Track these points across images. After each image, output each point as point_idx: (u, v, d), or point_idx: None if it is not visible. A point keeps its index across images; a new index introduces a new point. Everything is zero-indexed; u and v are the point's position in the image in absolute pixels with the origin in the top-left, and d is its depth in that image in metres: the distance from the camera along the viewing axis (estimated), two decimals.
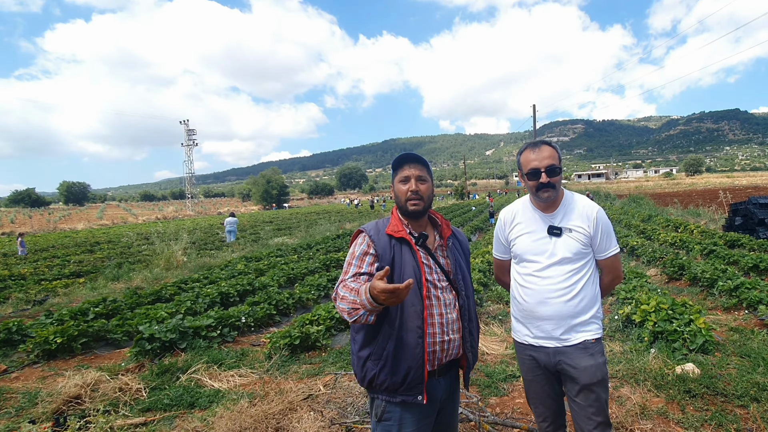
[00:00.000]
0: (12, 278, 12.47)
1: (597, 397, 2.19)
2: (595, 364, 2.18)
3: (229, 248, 17.48)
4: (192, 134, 74.54)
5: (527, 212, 2.33)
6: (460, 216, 28.43)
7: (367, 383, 1.92)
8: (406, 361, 1.84)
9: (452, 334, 1.96)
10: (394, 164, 2.03)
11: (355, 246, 1.96)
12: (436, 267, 1.98)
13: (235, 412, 3.60)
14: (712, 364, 4.25)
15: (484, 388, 4.15)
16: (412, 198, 1.96)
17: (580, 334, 2.21)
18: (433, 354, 1.90)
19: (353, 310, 1.70)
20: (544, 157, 2.18)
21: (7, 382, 4.77)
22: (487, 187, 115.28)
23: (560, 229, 2.22)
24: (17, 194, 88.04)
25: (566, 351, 2.21)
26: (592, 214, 2.22)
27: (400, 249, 1.92)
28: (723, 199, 21.46)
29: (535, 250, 2.25)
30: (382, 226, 1.99)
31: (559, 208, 2.26)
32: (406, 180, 1.97)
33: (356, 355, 1.95)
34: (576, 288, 2.20)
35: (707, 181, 68.91)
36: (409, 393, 1.86)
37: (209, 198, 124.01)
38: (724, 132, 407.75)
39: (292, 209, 64.72)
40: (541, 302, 2.24)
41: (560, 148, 2.32)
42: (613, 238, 2.27)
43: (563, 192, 2.29)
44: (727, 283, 6.81)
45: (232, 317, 6.43)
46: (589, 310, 2.22)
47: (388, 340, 1.85)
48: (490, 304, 7.28)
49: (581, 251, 2.20)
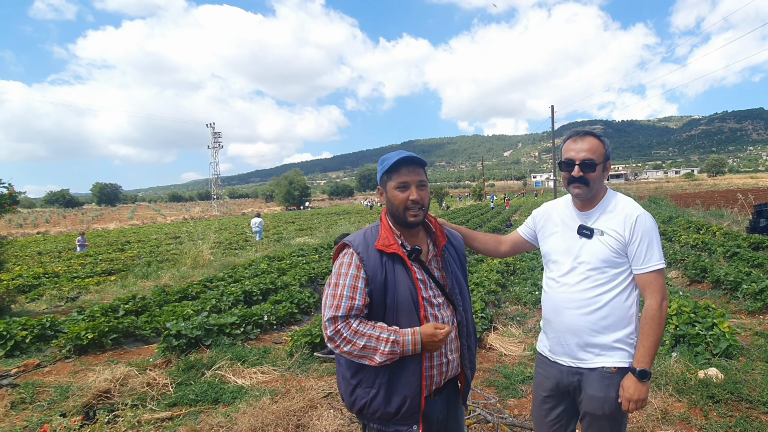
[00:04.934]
0: (46, 276, 12.96)
1: (600, 430, 1.98)
2: (604, 397, 1.90)
3: (253, 248, 17.77)
4: (218, 137, 75.87)
5: (565, 209, 2.10)
6: (478, 217, 28.21)
7: (356, 410, 1.74)
8: (402, 390, 1.67)
9: (450, 355, 1.80)
10: (389, 166, 1.75)
11: (342, 266, 1.71)
12: (430, 282, 1.80)
13: (257, 408, 3.69)
14: (737, 369, 4.15)
15: (502, 390, 4.15)
16: (413, 208, 1.73)
17: (599, 358, 1.92)
18: (430, 378, 1.74)
19: (389, 360, 1.60)
20: (582, 149, 1.93)
21: (40, 376, 4.94)
22: (505, 188, 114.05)
23: (591, 231, 1.95)
24: (52, 195, 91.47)
25: (582, 373, 1.96)
26: (632, 217, 1.90)
27: (392, 267, 1.71)
28: (745, 200, 20.71)
29: (561, 249, 2.03)
30: (371, 239, 1.76)
31: (596, 207, 1.99)
32: (404, 186, 1.73)
33: (344, 379, 1.75)
34: (599, 301, 1.91)
35: (730, 182, 66.79)
36: (404, 423, 1.69)
37: (234, 199, 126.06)
38: (747, 132, 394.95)
39: (313, 210, 65.26)
40: (555, 310, 2.04)
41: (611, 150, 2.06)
42: (657, 251, 1.88)
43: (606, 190, 2.03)
44: (752, 286, 6.62)
45: (255, 315, 6.56)
46: (614, 332, 1.90)
47: (382, 367, 1.66)
48: (509, 305, 7.24)
49: (612, 259, 1.90)
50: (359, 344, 1.59)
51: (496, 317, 6.45)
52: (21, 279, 12.12)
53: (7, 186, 8.60)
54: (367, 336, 1.59)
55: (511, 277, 9.56)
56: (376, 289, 1.69)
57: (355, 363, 1.69)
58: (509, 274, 9.79)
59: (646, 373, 1.83)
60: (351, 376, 1.73)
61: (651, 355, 1.84)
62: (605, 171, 1.99)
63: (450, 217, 28.06)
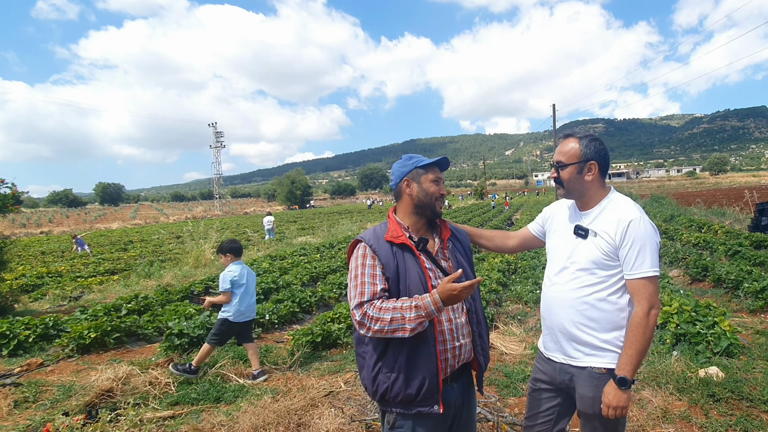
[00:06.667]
0: (49, 275, 13.01)
1: (593, 429, 2.00)
2: (594, 396, 1.92)
3: (255, 247, 17.81)
4: (220, 136, 75.94)
5: (569, 208, 2.13)
6: (479, 216, 28.20)
7: (379, 397, 1.85)
8: (420, 372, 1.78)
9: (462, 339, 1.92)
10: (429, 163, 1.99)
11: (358, 259, 1.88)
12: (438, 271, 1.92)
13: (258, 407, 3.71)
14: (737, 367, 4.16)
15: (502, 389, 4.16)
16: (441, 200, 2.00)
17: (589, 358, 1.95)
18: (445, 362, 1.85)
19: (419, 325, 1.71)
20: (558, 151, 2.04)
21: (43, 375, 4.97)
22: (507, 187, 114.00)
23: (586, 231, 1.96)
24: (55, 195, 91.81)
25: (572, 371, 1.99)
26: (625, 221, 1.88)
27: (402, 256, 1.87)
28: (749, 199, 20.61)
29: (558, 248, 2.08)
30: (380, 233, 1.93)
31: (594, 208, 2.00)
32: (438, 181, 1.99)
33: (366, 368, 1.88)
34: (587, 302, 1.93)
35: (732, 180, 66.60)
36: (424, 404, 1.80)
37: (236, 198, 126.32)
38: (749, 130, 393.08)
39: (315, 209, 65.30)
40: (548, 308, 2.08)
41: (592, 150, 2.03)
42: (649, 258, 1.84)
43: (608, 191, 2.04)
44: (753, 284, 6.60)
45: (257, 314, 6.57)
46: (602, 333, 1.92)
47: (399, 351, 1.80)
48: (510, 304, 7.24)
49: (602, 261, 1.90)
50: (386, 319, 1.71)
51: (497, 316, 6.46)
52: (24, 278, 12.16)
53: (10, 186, 8.64)
54: (391, 309, 1.72)
55: (512, 275, 9.55)
56: (390, 278, 1.84)
57: (376, 352, 1.83)
58: (510, 272, 9.78)
59: (626, 381, 1.81)
60: (374, 364, 1.84)
61: (633, 363, 1.82)
62: (583, 172, 1.99)
63: (452, 216, 28.05)
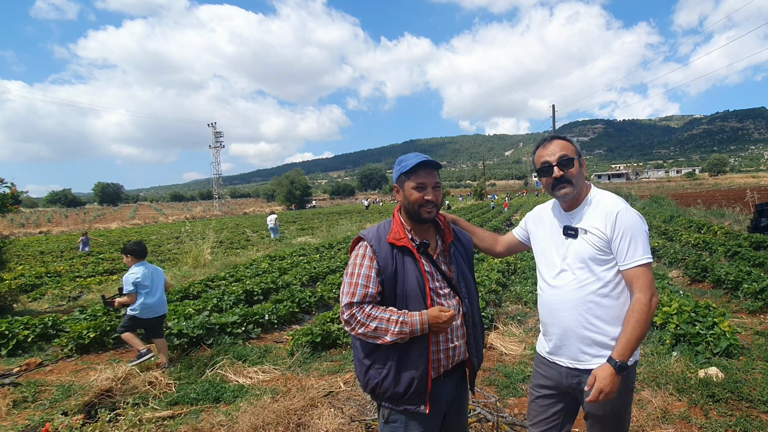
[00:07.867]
0: (48, 275, 12.99)
1: (602, 431, 1.98)
2: None
3: (254, 247, 17.80)
4: (219, 136, 75.82)
5: (553, 211, 2.12)
6: (479, 216, 28.22)
7: (369, 390, 1.89)
8: (410, 371, 1.81)
9: (457, 341, 1.93)
10: (409, 168, 1.89)
11: (357, 257, 1.89)
12: (437, 274, 1.93)
13: (258, 407, 3.70)
14: (737, 368, 4.16)
15: (502, 389, 4.16)
16: (428, 206, 1.88)
17: (598, 360, 1.90)
18: (437, 362, 1.87)
19: (399, 338, 1.77)
20: (555, 150, 1.96)
21: (42, 375, 4.96)
22: (506, 187, 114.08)
23: (576, 230, 1.95)
24: (54, 195, 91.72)
25: (580, 375, 1.96)
26: (613, 213, 1.88)
27: (402, 259, 1.87)
28: (750, 200, 20.64)
29: (549, 252, 2.06)
30: (383, 232, 1.92)
31: (580, 206, 1.99)
32: (422, 187, 1.88)
33: (359, 361, 1.92)
34: (591, 300, 1.91)
35: (731, 181, 66.75)
36: (411, 403, 1.83)
37: (235, 198, 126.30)
38: (749, 131, 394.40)
39: (314, 209, 65.26)
40: (550, 313, 2.04)
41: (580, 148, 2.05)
42: (641, 246, 1.85)
43: (589, 188, 2.03)
44: (753, 285, 6.61)
45: (257, 315, 6.58)
46: (611, 328, 1.90)
47: (392, 349, 1.82)
48: (509, 305, 7.24)
49: (597, 257, 1.89)
50: (372, 326, 1.77)
51: (497, 316, 6.46)
52: (23, 278, 12.13)
53: (9, 185, 8.62)
54: (378, 319, 1.77)
55: (512, 276, 9.56)
56: (387, 279, 1.85)
57: (369, 346, 1.86)
58: (510, 273, 9.78)
59: (625, 366, 1.79)
60: (364, 357, 1.88)
61: (632, 348, 1.80)
62: (582, 167, 2.01)
63: None
